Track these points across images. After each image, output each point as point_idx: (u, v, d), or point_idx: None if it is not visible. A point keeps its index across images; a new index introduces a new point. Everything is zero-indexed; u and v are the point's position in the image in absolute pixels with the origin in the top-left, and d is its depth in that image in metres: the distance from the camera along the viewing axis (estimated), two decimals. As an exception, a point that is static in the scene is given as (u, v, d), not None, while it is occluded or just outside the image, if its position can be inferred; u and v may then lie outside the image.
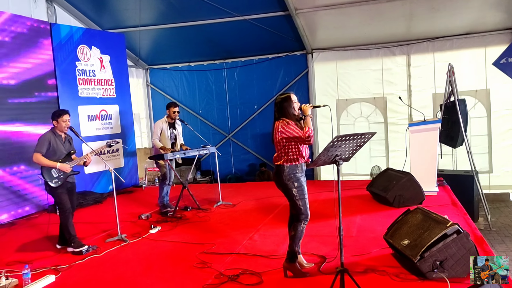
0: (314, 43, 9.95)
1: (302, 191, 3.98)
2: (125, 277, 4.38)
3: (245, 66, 10.74)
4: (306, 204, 4.01)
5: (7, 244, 5.74)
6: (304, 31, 9.32)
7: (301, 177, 3.99)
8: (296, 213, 4.05)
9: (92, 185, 8.27)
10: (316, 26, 9.33)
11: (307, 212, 4.03)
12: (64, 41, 8.00)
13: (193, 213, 6.75)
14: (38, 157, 5.06)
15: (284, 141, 3.92)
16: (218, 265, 4.47)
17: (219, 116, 11.03)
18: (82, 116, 8.23)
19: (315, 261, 4.37)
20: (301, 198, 3.98)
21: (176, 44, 10.33)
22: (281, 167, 3.96)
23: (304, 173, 4.05)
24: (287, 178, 3.94)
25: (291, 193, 3.98)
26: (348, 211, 6.16)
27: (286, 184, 3.97)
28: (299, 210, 4.01)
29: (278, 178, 4.01)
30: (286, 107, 4.00)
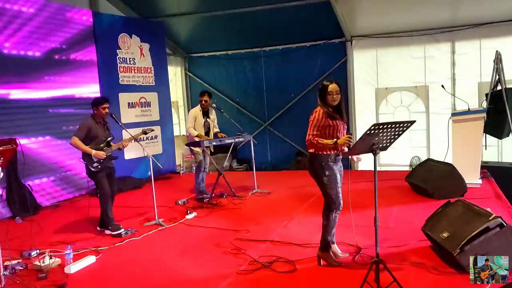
0: (354, 30, 9.73)
1: (334, 180, 3.93)
2: (161, 260, 4.48)
3: (283, 54, 10.64)
4: (338, 193, 3.96)
5: (51, 226, 5.99)
6: (343, 18, 9.12)
7: (333, 166, 3.93)
8: (327, 202, 4.01)
9: (132, 170, 8.50)
10: (355, 13, 9.12)
11: (339, 201, 3.98)
12: (106, 30, 8.19)
13: (229, 200, 6.81)
14: (76, 141, 5.23)
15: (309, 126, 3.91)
16: (252, 252, 4.49)
17: (256, 105, 11.01)
18: (123, 103, 8.45)
19: (350, 252, 4.31)
20: (333, 187, 3.93)
21: (214, 32, 10.36)
22: (313, 154, 3.94)
23: (338, 162, 3.99)
24: (318, 166, 3.91)
25: (322, 182, 3.94)
26: (385, 202, 6.04)
27: (317, 172, 3.94)
28: (330, 199, 3.97)
29: (310, 166, 4.00)
30: (321, 96, 3.97)
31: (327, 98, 3.92)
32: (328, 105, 3.93)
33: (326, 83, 3.96)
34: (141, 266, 4.37)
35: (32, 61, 7.03)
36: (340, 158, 3.98)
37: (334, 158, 3.94)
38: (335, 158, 3.94)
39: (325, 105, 3.94)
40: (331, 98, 3.92)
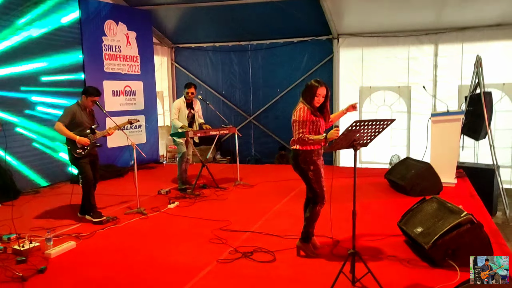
0: (341, 28, 9.84)
1: (319, 174, 4.02)
2: (142, 249, 4.53)
3: (270, 49, 10.70)
4: (322, 187, 4.05)
5: (32, 211, 5.97)
6: (331, 16, 9.21)
7: (317, 160, 4.02)
8: (312, 196, 4.10)
9: (115, 158, 8.49)
10: (343, 11, 9.21)
11: (323, 195, 4.07)
12: (92, 16, 8.13)
13: (211, 191, 6.88)
14: (60, 127, 5.22)
15: (295, 125, 3.96)
16: (233, 242, 4.58)
17: (241, 98, 11.06)
18: (107, 91, 8.40)
19: (329, 244, 4.43)
20: (317, 181, 4.02)
21: (202, 24, 10.35)
22: (297, 151, 4.01)
23: (321, 157, 4.08)
24: (303, 161, 3.98)
25: (308, 176, 4.02)
26: (364, 197, 6.19)
27: (302, 167, 4.01)
28: (315, 193, 4.05)
29: (295, 162, 4.06)
30: (307, 95, 3.98)
31: (314, 99, 3.95)
32: (311, 106, 3.98)
33: (315, 84, 3.95)
34: (122, 252, 4.41)
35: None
36: (322, 152, 4.07)
37: (317, 153, 4.03)
38: (318, 152, 4.03)
39: (308, 104, 3.98)
40: (316, 100, 3.96)
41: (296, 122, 3.96)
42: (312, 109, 3.96)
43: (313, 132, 3.98)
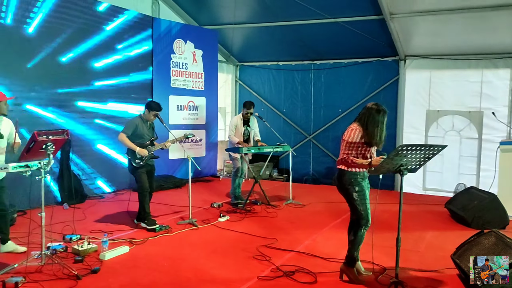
0: (408, 49, 9.57)
1: (363, 196, 3.93)
2: (189, 258, 4.67)
3: (333, 69, 10.65)
4: (367, 209, 3.96)
5: (94, 215, 6.37)
6: (398, 37, 9.01)
7: (362, 182, 3.94)
8: (356, 218, 4.01)
9: (174, 170, 8.84)
10: (411, 32, 8.98)
11: (368, 218, 3.97)
12: (163, 35, 8.63)
13: (262, 208, 6.93)
14: (123, 137, 5.57)
15: (343, 144, 3.92)
16: (276, 260, 4.57)
17: (302, 117, 11.06)
18: (172, 105, 8.84)
19: (375, 271, 4.28)
20: (362, 203, 3.93)
21: (266, 43, 10.57)
22: (342, 171, 3.96)
23: (366, 179, 3.99)
24: (347, 182, 3.92)
25: (352, 198, 3.95)
26: (421, 226, 5.92)
27: (347, 188, 3.95)
28: (360, 215, 3.96)
29: (339, 182, 4.02)
30: (365, 119, 3.88)
31: (375, 128, 3.82)
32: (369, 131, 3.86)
33: (382, 109, 3.85)
34: (170, 260, 4.58)
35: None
36: (367, 175, 3.98)
37: (363, 175, 3.95)
38: (364, 174, 3.95)
39: (363, 126, 3.89)
40: (378, 130, 3.83)
41: (344, 142, 3.93)
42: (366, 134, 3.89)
43: (360, 155, 3.91)
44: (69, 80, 7.17)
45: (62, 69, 7.05)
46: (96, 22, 7.53)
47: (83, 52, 7.36)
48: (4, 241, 4.73)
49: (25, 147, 4.16)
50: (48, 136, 4.18)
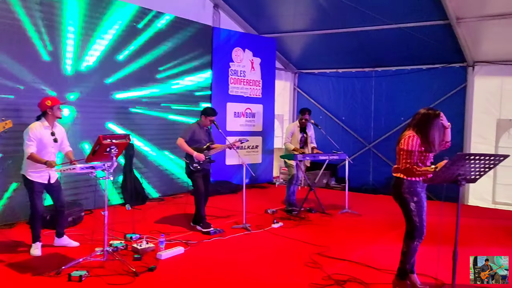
0: (477, 55, 9.09)
1: (421, 207, 3.80)
2: (241, 262, 4.74)
3: (396, 76, 10.35)
4: (422, 221, 3.81)
5: (153, 216, 6.65)
6: (466, 42, 8.59)
7: (421, 192, 3.80)
8: (410, 230, 3.87)
9: (231, 175, 9.00)
10: (480, 37, 8.53)
11: (423, 230, 3.82)
12: (222, 43, 8.88)
13: (317, 216, 6.86)
14: (181, 142, 5.79)
15: (401, 153, 3.79)
16: (328, 268, 4.51)
17: (362, 125, 10.82)
18: (229, 112, 9.06)
19: (432, 285, 4.09)
20: (418, 214, 3.79)
21: (326, 50, 10.50)
22: (400, 179, 3.84)
23: (424, 189, 3.84)
24: (405, 191, 3.80)
25: (409, 208, 3.82)
26: (486, 241, 5.58)
27: (404, 197, 3.82)
28: (415, 227, 3.82)
29: (396, 191, 3.89)
30: (424, 124, 3.80)
31: (435, 133, 3.76)
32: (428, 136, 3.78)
33: (438, 113, 3.78)
34: (222, 263, 4.67)
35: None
36: (425, 185, 3.84)
37: (422, 184, 3.82)
38: (422, 184, 3.82)
39: (422, 133, 3.79)
40: (438, 135, 3.76)
41: (402, 151, 3.81)
42: (426, 139, 3.77)
43: (420, 163, 3.78)
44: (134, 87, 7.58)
45: (130, 79, 7.47)
46: (160, 33, 7.92)
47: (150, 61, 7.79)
48: (60, 235, 5.09)
49: (91, 150, 4.45)
50: (112, 140, 4.44)
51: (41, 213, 4.93)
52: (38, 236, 4.85)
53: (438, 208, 3.99)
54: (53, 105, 4.81)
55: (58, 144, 4.93)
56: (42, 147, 4.75)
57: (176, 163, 8.27)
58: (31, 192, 4.80)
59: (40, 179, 4.78)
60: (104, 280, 4.04)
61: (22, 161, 4.81)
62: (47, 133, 4.83)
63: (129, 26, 7.37)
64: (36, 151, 4.69)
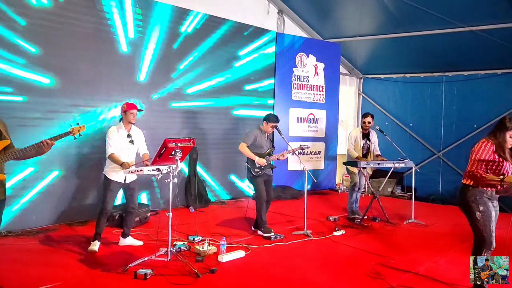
0: (557, 58, 8.42)
1: (488, 217, 3.61)
2: (301, 268, 4.69)
3: (468, 81, 9.81)
4: (490, 231, 3.62)
5: (216, 219, 6.78)
6: (545, 44, 7.99)
7: (488, 202, 3.61)
8: (477, 241, 3.70)
9: (293, 181, 8.97)
10: (560, 38, 7.89)
11: (491, 241, 3.63)
12: (286, 49, 8.92)
13: (381, 225, 6.65)
14: (243, 146, 5.86)
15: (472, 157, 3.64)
16: (391, 280, 4.36)
17: (430, 132, 10.36)
18: (292, 117, 9.05)
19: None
20: (486, 224, 3.61)
21: (392, 55, 10.20)
22: (466, 186, 3.69)
23: (495, 200, 3.63)
24: (471, 199, 3.64)
25: (474, 217, 3.67)
26: None
27: (470, 206, 3.67)
28: (481, 237, 3.66)
29: (461, 197, 3.76)
30: (497, 131, 3.69)
31: (505, 140, 3.63)
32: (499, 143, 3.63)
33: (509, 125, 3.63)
34: (282, 269, 4.66)
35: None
36: (497, 196, 3.61)
37: (491, 194, 3.62)
38: (491, 194, 3.61)
39: (498, 140, 3.64)
40: (509, 142, 3.63)
41: (473, 155, 3.69)
42: (499, 147, 3.57)
43: (491, 172, 3.57)
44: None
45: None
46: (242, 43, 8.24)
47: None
48: (125, 235, 5.31)
49: (157, 153, 4.64)
50: (177, 144, 4.60)
51: (109, 212, 5.20)
52: (99, 234, 5.06)
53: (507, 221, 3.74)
54: (126, 110, 5.08)
55: (135, 146, 5.19)
56: (119, 148, 5.03)
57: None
58: (106, 189, 5.08)
59: (117, 178, 5.05)
60: (167, 279, 4.17)
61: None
62: (123, 135, 5.10)
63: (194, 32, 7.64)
64: (116, 152, 4.98)
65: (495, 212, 3.68)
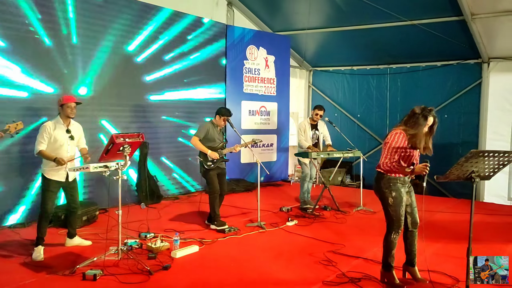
0: (492, 51, 8.93)
1: (399, 202, 3.87)
2: (256, 260, 4.75)
3: (410, 73, 10.23)
4: (399, 215, 3.89)
5: (168, 214, 6.69)
6: (481, 38, 8.45)
7: (401, 187, 3.87)
8: (388, 223, 3.98)
9: (246, 174, 9.02)
10: (495, 33, 8.38)
11: (399, 224, 3.91)
12: (236, 42, 8.89)
13: (332, 213, 6.83)
14: (196, 140, 5.81)
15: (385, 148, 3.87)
16: (342, 266, 4.50)
17: (377, 122, 10.73)
18: (244, 110, 9.07)
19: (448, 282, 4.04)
20: (395, 209, 3.88)
21: (340, 47, 10.44)
22: (381, 174, 3.93)
23: (407, 184, 3.92)
24: (385, 186, 3.89)
25: (386, 202, 3.93)
26: (501, 238, 5.51)
27: (383, 192, 3.92)
28: (391, 220, 3.94)
29: (376, 185, 3.99)
30: (412, 121, 3.87)
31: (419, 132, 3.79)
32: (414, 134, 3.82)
33: (426, 112, 3.84)
34: (237, 261, 4.69)
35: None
36: (408, 180, 3.91)
37: (403, 180, 3.88)
38: (403, 180, 3.88)
39: (410, 129, 3.83)
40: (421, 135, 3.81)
41: (387, 145, 3.88)
42: (413, 137, 3.80)
43: (403, 161, 3.82)
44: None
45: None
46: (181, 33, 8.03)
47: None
48: (71, 236, 5.10)
49: (104, 149, 4.49)
50: (125, 139, 4.47)
51: (51, 214, 4.96)
52: (42, 238, 4.75)
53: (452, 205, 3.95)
54: (64, 103, 4.82)
55: (75, 142, 4.95)
56: (57, 145, 4.78)
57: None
58: (45, 190, 4.81)
59: (56, 177, 4.81)
60: (118, 279, 4.07)
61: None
62: (62, 130, 4.84)
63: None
64: (50, 148, 4.72)
65: (408, 195, 3.96)
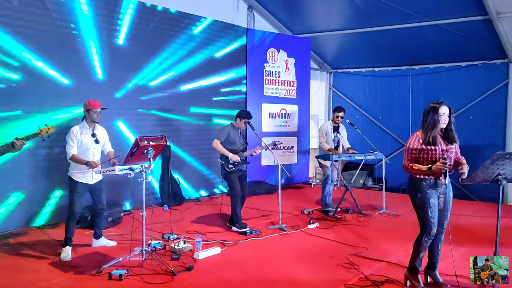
0: (520, 50, 8.74)
1: (425, 204, 3.81)
2: (277, 262, 4.75)
3: (434, 74, 10.08)
4: (429, 217, 3.82)
5: (191, 216, 6.76)
6: (507, 38, 8.27)
7: (429, 189, 3.81)
8: (420, 225, 3.94)
9: (267, 176, 9.03)
10: (522, 32, 8.20)
11: (431, 227, 3.83)
12: (256, 45, 8.94)
13: (353, 216, 6.79)
14: (217, 143, 5.87)
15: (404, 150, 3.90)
16: (365, 269, 4.47)
17: (399, 124, 10.59)
18: (265, 113, 9.10)
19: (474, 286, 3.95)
20: (425, 210, 3.82)
21: (361, 49, 10.37)
22: (409, 176, 3.93)
23: (440, 187, 3.83)
24: (411, 187, 3.89)
25: (413, 203, 3.92)
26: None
27: (410, 193, 3.94)
28: (421, 222, 3.91)
29: (406, 186, 4.03)
30: (426, 118, 3.84)
31: (438, 119, 3.77)
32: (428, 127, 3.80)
33: (435, 105, 3.81)
34: (258, 263, 4.71)
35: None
36: (442, 183, 3.81)
37: (430, 182, 3.81)
38: (430, 182, 3.81)
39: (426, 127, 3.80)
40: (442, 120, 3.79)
41: (405, 148, 3.93)
42: (426, 136, 3.77)
43: (423, 162, 3.80)
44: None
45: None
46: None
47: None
48: (98, 236, 5.22)
49: (129, 152, 4.58)
50: (149, 142, 4.55)
51: (78, 215, 5.07)
52: (70, 239, 4.87)
53: (478, 209, 3.88)
54: (90, 109, 4.92)
55: (100, 145, 5.07)
56: (84, 148, 4.91)
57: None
58: (72, 192, 4.93)
59: (83, 179, 4.93)
60: (143, 279, 4.14)
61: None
62: (88, 134, 4.96)
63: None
64: (78, 152, 4.85)
65: (441, 199, 3.87)
